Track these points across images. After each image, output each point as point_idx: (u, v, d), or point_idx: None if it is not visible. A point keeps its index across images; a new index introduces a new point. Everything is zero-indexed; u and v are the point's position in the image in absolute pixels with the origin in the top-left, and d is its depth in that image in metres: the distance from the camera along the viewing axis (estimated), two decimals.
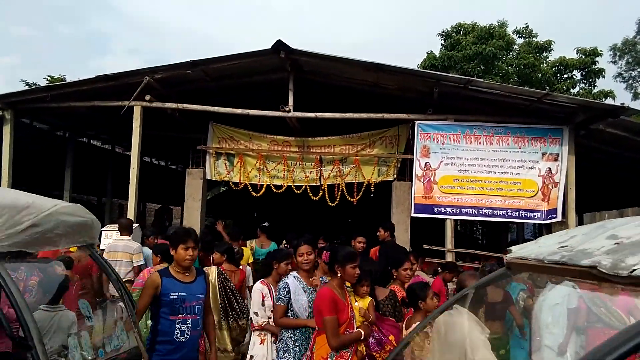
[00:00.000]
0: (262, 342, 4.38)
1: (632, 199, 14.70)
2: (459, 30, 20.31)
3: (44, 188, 9.76)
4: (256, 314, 4.44)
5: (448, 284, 6.02)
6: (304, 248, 4.05)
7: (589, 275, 1.25)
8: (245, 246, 7.48)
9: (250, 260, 7.14)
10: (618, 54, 26.65)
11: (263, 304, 4.44)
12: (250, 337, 4.72)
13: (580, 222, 16.64)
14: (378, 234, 6.56)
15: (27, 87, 16.92)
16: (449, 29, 20.65)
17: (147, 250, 6.56)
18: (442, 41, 20.87)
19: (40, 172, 10.28)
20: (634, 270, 1.10)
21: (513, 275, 2.08)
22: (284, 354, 3.85)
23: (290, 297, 3.86)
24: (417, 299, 4.05)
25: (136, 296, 4.90)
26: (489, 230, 18.68)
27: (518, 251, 1.84)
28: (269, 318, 4.39)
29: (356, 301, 3.83)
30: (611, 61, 26.82)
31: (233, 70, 8.28)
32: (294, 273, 4.05)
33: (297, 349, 3.81)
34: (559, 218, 7.87)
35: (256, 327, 4.41)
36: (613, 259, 1.23)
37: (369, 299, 3.98)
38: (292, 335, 3.86)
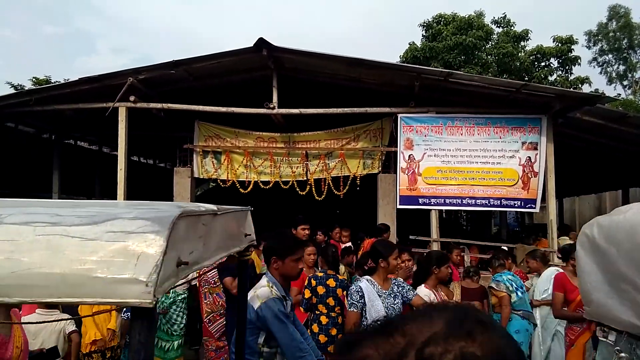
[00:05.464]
0: None
1: (609, 183, 15.13)
2: (439, 21, 20.53)
3: (32, 190, 9.77)
4: None
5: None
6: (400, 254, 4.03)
7: None
8: None
9: None
10: (593, 39, 27.20)
11: None
12: None
13: (560, 207, 17.05)
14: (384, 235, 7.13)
15: (12, 89, 16.77)
16: (429, 20, 20.87)
17: None
18: (424, 32, 21.08)
19: (27, 174, 10.25)
20: None
21: None
22: None
23: (364, 303, 3.59)
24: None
25: None
26: (473, 217, 19.04)
27: None
28: None
29: None
30: (586, 46, 27.39)
31: (216, 69, 8.33)
32: (367, 277, 3.77)
33: None
34: (537, 209, 8.20)
35: None
36: None
37: None
38: None
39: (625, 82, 27.99)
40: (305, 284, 4.94)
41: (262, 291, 2.99)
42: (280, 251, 3.09)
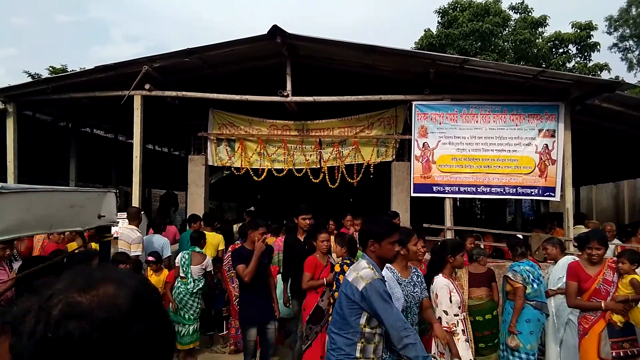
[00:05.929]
0: (458, 340, 4.11)
1: (627, 171, 14.88)
2: (455, 7, 20.23)
3: (50, 178, 9.93)
4: (446, 312, 4.13)
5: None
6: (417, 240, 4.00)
7: None
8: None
9: (221, 247, 7.37)
10: (614, 25, 26.61)
11: (451, 301, 4.17)
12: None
13: (577, 196, 16.85)
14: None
15: (29, 78, 16.96)
16: (445, 6, 20.58)
17: (160, 239, 6.73)
18: (439, 18, 20.81)
19: (45, 162, 10.40)
20: None
21: None
22: None
23: None
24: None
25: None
26: (487, 205, 18.90)
27: None
28: (456, 315, 4.17)
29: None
30: (607, 32, 26.81)
31: (230, 57, 8.31)
32: (387, 264, 3.71)
33: None
34: (557, 197, 8.03)
35: (444, 329, 3.99)
36: None
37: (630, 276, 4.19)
38: None
39: None
40: (338, 270, 4.92)
41: (365, 272, 3.00)
42: (377, 234, 3.13)
